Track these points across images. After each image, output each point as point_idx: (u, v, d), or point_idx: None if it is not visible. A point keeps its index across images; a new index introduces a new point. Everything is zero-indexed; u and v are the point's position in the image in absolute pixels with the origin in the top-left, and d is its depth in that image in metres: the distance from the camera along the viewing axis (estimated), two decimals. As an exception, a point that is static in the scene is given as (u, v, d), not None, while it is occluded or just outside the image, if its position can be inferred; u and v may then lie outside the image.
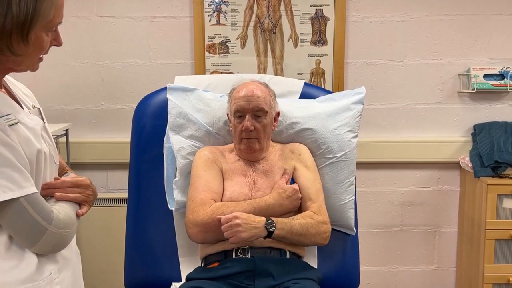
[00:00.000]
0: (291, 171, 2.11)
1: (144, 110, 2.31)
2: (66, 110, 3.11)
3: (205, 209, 1.96)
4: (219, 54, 3.08)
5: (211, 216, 1.93)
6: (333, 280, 2.16)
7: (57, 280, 1.41)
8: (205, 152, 2.13)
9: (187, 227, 1.99)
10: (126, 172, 2.85)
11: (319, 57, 3.08)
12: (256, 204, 1.97)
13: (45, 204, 1.35)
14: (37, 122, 1.42)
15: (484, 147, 2.97)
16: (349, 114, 2.23)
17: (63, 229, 1.38)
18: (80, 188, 1.51)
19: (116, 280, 2.80)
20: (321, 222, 2.00)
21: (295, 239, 1.94)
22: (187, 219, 1.99)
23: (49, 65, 3.05)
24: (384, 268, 3.27)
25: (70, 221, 1.42)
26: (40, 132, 1.41)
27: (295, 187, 2.03)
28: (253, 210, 1.95)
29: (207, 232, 1.94)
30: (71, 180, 1.49)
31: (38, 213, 1.31)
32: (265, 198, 1.99)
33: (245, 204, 1.97)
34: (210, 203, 1.98)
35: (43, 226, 1.33)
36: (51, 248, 1.38)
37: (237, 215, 1.87)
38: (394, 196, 3.22)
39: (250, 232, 1.86)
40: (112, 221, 3.05)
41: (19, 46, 1.28)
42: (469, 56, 3.10)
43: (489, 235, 2.88)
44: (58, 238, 1.37)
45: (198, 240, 1.99)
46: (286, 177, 2.07)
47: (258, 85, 2.12)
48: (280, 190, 2.01)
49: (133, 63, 3.09)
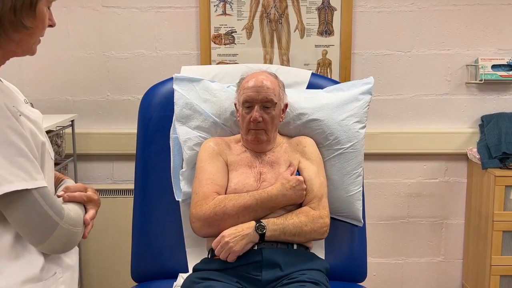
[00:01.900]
0: (297, 164, 2.09)
1: (150, 101, 2.30)
2: (71, 101, 3.10)
3: (207, 202, 1.94)
4: (225, 44, 3.06)
5: (213, 210, 1.92)
6: (341, 271, 2.15)
7: (61, 279, 1.39)
8: (210, 144, 2.12)
9: (191, 221, 1.98)
10: (132, 163, 2.85)
11: (325, 47, 3.06)
12: (259, 196, 1.95)
13: (56, 199, 1.33)
14: (38, 115, 1.40)
15: (492, 138, 2.94)
16: (357, 105, 2.21)
17: (74, 226, 1.36)
18: (90, 204, 1.49)
19: (122, 271, 2.80)
20: (316, 218, 1.97)
21: (289, 239, 1.93)
22: (191, 213, 1.99)
23: (55, 56, 3.04)
24: (391, 260, 3.26)
25: (79, 219, 1.40)
26: (41, 125, 1.39)
27: (300, 178, 2.01)
28: (255, 202, 1.93)
29: (210, 226, 1.93)
30: (85, 194, 1.47)
31: (50, 207, 1.28)
32: (268, 189, 1.97)
33: (247, 196, 1.95)
34: (213, 196, 1.96)
35: (55, 221, 1.29)
36: (60, 247, 1.36)
37: (223, 234, 1.87)
38: (401, 188, 3.20)
39: (240, 243, 1.85)
40: (118, 212, 3.04)
41: (29, 19, 1.28)
42: (477, 46, 3.08)
43: (497, 227, 2.86)
44: (68, 236, 1.34)
45: (202, 234, 1.99)
46: (292, 169, 2.05)
47: (268, 76, 2.10)
48: (284, 180, 1.99)
49: (138, 53, 3.07)
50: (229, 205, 1.91)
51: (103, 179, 3.17)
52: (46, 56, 3.04)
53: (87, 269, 3.08)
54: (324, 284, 1.84)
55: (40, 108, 3.04)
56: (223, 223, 1.90)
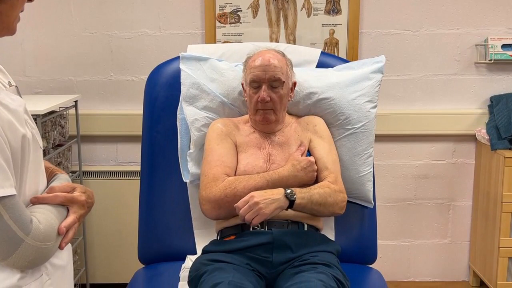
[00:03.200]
0: (307, 143, 2.05)
1: (156, 80, 2.25)
2: (74, 82, 3.05)
3: (217, 184, 1.91)
4: (230, 24, 3.01)
5: (224, 192, 1.89)
6: (351, 253, 2.13)
7: (49, 281, 1.28)
8: (219, 125, 2.08)
9: (201, 204, 1.95)
10: (136, 144, 2.83)
11: (333, 26, 3.01)
12: (269, 177, 1.92)
13: (24, 211, 1.18)
14: (19, 103, 1.25)
15: (502, 119, 2.90)
16: (368, 84, 2.17)
17: (42, 241, 1.20)
18: (74, 206, 1.33)
19: (129, 254, 2.77)
20: (337, 191, 1.95)
21: (315, 209, 1.90)
22: (200, 196, 1.95)
23: (57, 35, 2.99)
24: (397, 242, 3.23)
25: (51, 233, 1.23)
26: (23, 114, 1.24)
27: (311, 159, 1.98)
28: (266, 183, 1.90)
29: (221, 208, 1.90)
30: (65, 195, 1.31)
31: (15, 221, 1.14)
32: (279, 171, 1.94)
33: (258, 177, 1.92)
34: (223, 178, 1.93)
35: (19, 237, 1.15)
36: (27, 264, 1.19)
37: (253, 194, 1.81)
38: (408, 170, 3.16)
39: (271, 206, 1.80)
40: (123, 194, 3.01)
41: None
42: (487, 25, 3.02)
43: (506, 208, 2.83)
44: (36, 253, 1.19)
45: (212, 216, 1.95)
46: (302, 149, 2.02)
47: (275, 54, 2.05)
48: (295, 161, 1.96)
49: (142, 33, 3.02)
50: (240, 187, 1.88)
51: (107, 161, 3.14)
52: (48, 35, 2.99)
53: (92, 252, 3.05)
54: (335, 266, 1.81)
55: (43, 88, 3.04)
56: (234, 204, 1.87)
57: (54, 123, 2.65)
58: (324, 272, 1.70)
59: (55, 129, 2.65)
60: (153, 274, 2.10)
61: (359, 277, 2.03)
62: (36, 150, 1.28)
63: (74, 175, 2.93)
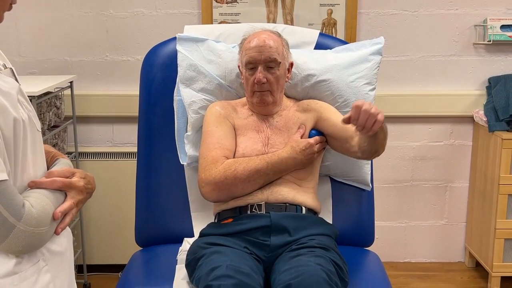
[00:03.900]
0: (311, 123, 2.03)
1: (153, 61, 2.22)
2: (70, 62, 3.02)
3: (217, 166, 1.90)
4: (227, 3, 2.97)
5: (224, 174, 1.87)
6: (348, 235, 2.12)
7: (46, 268, 1.26)
8: (217, 108, 2.06)
9: (200, 186, 1.93)
10: (131, 125, 2.80)
11: (330, 6, 2.97)
12: (269, 159, 1.91)
13: (15, 196, 1.16)
14: (13, 85, 1.22)
15: (500, 100, 2.89)
16: (367, 66, 2.14)
17: (35, 226, 1.18)
18: (71, 191, 1.32)
19: (126, 236, 2.76)
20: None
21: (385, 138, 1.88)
22: (200, 178, 1.93)
23: (52, 15, 2.95)
24: (394, 223, 3.24)
25: (45, 218, 1.21)
26: (16, 96, 1.21)
27: (310, 141, 1.96)
28: (266, 165, 1.90)
29: (221, 190, 1.89)
30: (62, 181, 1.30)
31: (6, 206, 1.13)
32: (278, 153, 1.94)
33: (258, 159, 1.91)
34: (222, 160, 1.92)
35: (10, 223, 1.14)
36: (20, 249, 1.18)
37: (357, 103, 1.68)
38: (406, 151, 3.16)
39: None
40: (119, 175, 3.00)
41: None
42: (486, 6, 2.99)
43: (503, 190, 2.84)
44: (29, 237, 1.17)
45: (212, 198, 1.94)
46: (301, 131, 2.00)
47: (270, 34, 2.02)
48: (294, 144, 1.95)
49: (138, 12, 2.98)
50: (240, 169, 1.87)
51: (103, 142, 3.12)
52: (43, 15, 2.95)
53: (89, 235, 3.04)
54: (333, 249, 1.81)
55: (38, 68, 3.00)
56: (234, 187, 1.87)
57: (50, 104, 2.63)
58: (322, 256, 1.70)
59: (50, 110, 2.63)
60: (150, 257, 2.09)
61: (357, 260, 2.02)
62: (33, 132, 1.26)
63: (70, 156, 2.91)
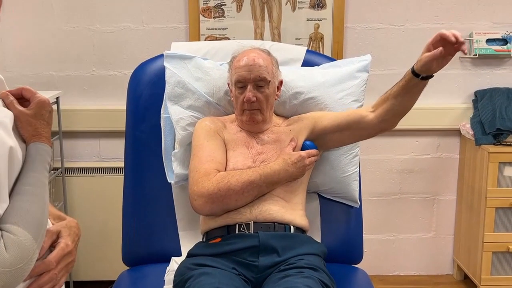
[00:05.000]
0: (305, 132, 2.04)
1: (140, 78, 2.21)
2: (56, 77, 3.00)
3: (210, 179, 1.88)
4: (214, 18, 2.97)
5: (217, 186, 1.86)
6: (337, 253, 2.11)
7: None
8: (206, 123, 2.05)
9: (192, 199, 1.91)
10: (119, 140, 2.78)
11: (317, 21, 2.98)
12: (262, 171, 1.90)
13: None
14: (5, 114, 1.20)
15: (486, 114, 2.91)
16: (355, 83, 2.15)
17: (10, 267, 1.08)
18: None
19: (114, 252, 2.72)
20: None
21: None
22: (192, 191, 1.91)
23: (38, 29, 2.93)
24: (382, 236, 3.24)
25: (22, 254, 1.11)
26: (10, 124, 1.18)
27: (302, 154, 1.96)
28: (259, 176, 1.88)
29: (214, 203, 1.87)
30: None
31: None
32: (271, 165, 1.93)
33: (250, 171, 1.90)
34: (215, 173, 1.90)
35: None
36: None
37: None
38: (393, 164, 3.17)
39: None
40: (106, 190, 2.98)
41: None
42: (472, 20, 3.02)
43: (490, 203, 2.85)
44: (4, 279, 1.08)
45: (205, 212, 1.92)
46: (293, 144, 1.99)
47: (260, 53, 2.02)
48: (286, 156, 1.94)
49: (125, 27, 2.97)
50: (233, 181, 1.86)
51: (89, 157, 3.10)
52: (29, 29, 2.93)
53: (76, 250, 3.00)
54: (321, 269, 1.79)
55: (24, 83, 2.91)
56: (228, 199, 1.85)
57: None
58: (310, 277, 1.69)
59: (36, 126, 2.60)
60: (137, 277, 2.06)
61: (345, 278, 2.01)
62: (18, 163, 1.21)
63: (56, 172, 2.89)
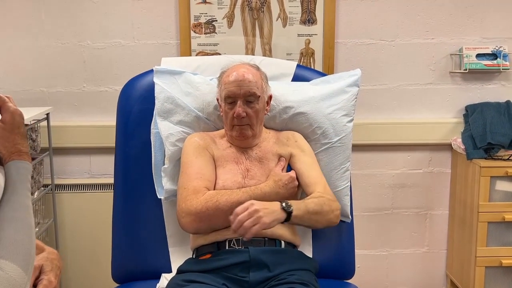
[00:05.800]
0: (288, 157, 2.03)
1: (130, 94, 2.20)
2: (46, 93, 2.99)
3: (198, 197, 1.87)
4: (205, 34, 2.97)
5: (205, 205, 1.84)
6: (328, 268, 2.10)
7: None
8: (196, 139, 2.04)
9: (180, 217, 1.89)
10: (109, 156, 2.76)
11: (308, 36, 2.99)
12: (252, 192, 1.88)
13: None
14: None
15: (477, 128, 2.91)
16: (345, 97, 2.15)
17: None
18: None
19: (104, 268, 2.71)
20: (331, 200, 1.94)
21: (313, 218, 1.86)
22: (180, 208, 1.89)
23: (28, 45, 2.92)
24: (375, 252, 3.23)
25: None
26: None
27: (292, 175, 1.95)
28: (249, 198, 1.85)
29: (202, 221, 1.85)
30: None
31: None
32: (261, 186, 1.91)
33: (240, 192, 1.88)
34: (204, 191, 1.89)
35: None
36: None
37: (253, 202, 1.75)
38: (385, 179, 3.16)
39: (270, 216, 1.74)
40: (97, 207, 2.95)
41: None
42: (462, 35, 3.03)
43: (482, 218, 2.84)
44: None
45: (192, 230, 1.91)
46: (282, 164, 1.99)
47: (249, 68, 2.02)
48: (276, 178, 1.94)
49: (116, 43, 2.97)
50: (222, 200, 1.84)
51: (80, 173, 3.07)
52: (19, 45, 2.92)
53: (65, 268, 2.98)
54: (313, 285, 1.78)
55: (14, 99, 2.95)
56: (215, 218, 1.83)
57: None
58: (302, 292, 1.68)
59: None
60: (127, 294, 2.05)
61: (337, 294, 2.01)
62: None
63: (46, 188, 2.87)
